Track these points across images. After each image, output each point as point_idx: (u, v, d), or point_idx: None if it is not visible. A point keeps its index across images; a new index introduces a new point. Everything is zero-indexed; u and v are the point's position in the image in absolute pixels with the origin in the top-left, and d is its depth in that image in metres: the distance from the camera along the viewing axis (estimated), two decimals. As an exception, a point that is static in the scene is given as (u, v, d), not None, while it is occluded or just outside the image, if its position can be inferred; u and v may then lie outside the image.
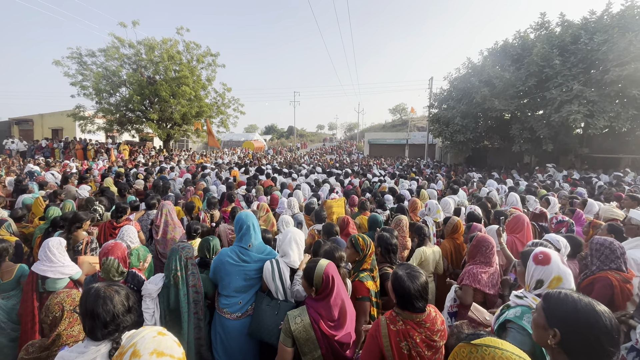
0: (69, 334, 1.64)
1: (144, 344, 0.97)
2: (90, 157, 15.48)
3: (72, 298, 1.73)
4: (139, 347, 0.96)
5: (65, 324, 1.65)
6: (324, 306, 1.79)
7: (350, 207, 5.37)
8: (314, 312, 1.79)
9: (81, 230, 3.31)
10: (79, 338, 1.65)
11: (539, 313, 1.19)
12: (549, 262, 1.61)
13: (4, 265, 2.73)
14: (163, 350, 0.97)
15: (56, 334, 1.62)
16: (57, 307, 1.67)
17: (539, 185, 8.00)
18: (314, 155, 29.10)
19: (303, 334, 1.75)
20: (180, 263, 2.18)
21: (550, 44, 12.65)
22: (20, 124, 23.47)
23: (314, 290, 1.83)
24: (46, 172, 8.60)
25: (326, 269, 1.83)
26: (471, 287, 2.45)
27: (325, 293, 1.81)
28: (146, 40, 17.43)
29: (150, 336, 1.00)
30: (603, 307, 1.08)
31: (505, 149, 17.40)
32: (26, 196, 5.28)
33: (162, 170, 10.17)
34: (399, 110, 52.46)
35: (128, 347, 0.98)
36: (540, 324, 1.18)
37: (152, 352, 0.95)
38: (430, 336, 1.56)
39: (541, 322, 1.17)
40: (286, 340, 1.77)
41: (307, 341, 1.75)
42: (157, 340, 0.99)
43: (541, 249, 1.69)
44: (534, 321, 1.24)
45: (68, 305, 1.69)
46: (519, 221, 3.51)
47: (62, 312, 1.67)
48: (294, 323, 1.77)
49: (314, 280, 1.82)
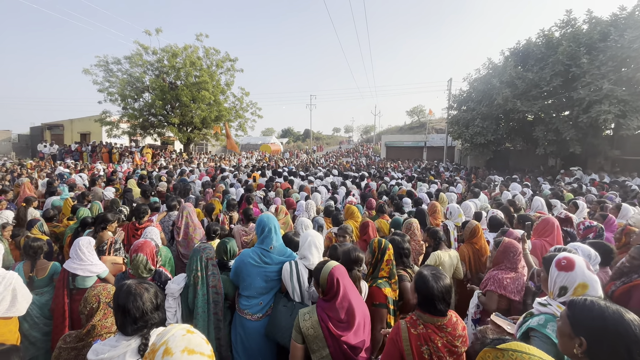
0: (102, 325, 1.73)
1: (175, 341, 1.00)
2: (115, 160, 16.15)
3: (107, 291, 1.82)
4: (171, 345, 0.99)
5: (100, 315, 1.74)
6: (331, 307, 1.80)
7: (367, 210, 5.33)
8: (322, 312, 1.81)
9: (106, 231, 3.44)
10: (112, 330, 1.73)
11: (564, 321, 1.16)
12: (572, 268, 1.54)
13: (38, 263, 2.87)
14: (193, 348, 0.99)
15: (91, 325, 1.70)
16: (94, 298, 1.76)
17: (565, 189, 7.67)
18: (330, 158, 29.13)
19: (311, 331, 1.78)
20: (200, 263, 2.23)
21: (577, 42, 12.17)
22: (52, 129, 24.86)
23: (320, 290, 1.87)
24: (75, 175, 9.03)
25: (331, 271, 1.83)
26: (496, 293, 2.37)
27: (331, 295, 1.82)
28: (168, 47, 18.08)
29: (180, 334, 1.02)
30: (633, 315, 1.04)
31: (528, 152, 16.82)
32: (55, 198, 5.55)
33: (183, 173, 10.45)
34: (417, 112, 51.81)
35: (160, 344, 1.00)
36: (565, 333, 1.14)
37: (183, 350, 0.98)
38: (452, 341, 1.53)
39: (566, 330, 1.13)
40: (297, 336, 1.82)
41: (315, 339, 1.78)
42: (187, 338, 1.02)
43: (565, 254, 1.62)
44: (559, 329, 1.20)
45: (104, 298, 1.78)
46: (548, 224, 3.37)
47: (99, 304, 1.75)
48: (303, 320, 1.81)
49: (320, 281, 1.85)
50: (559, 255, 1.64)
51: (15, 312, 2.23)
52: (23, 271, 2.79)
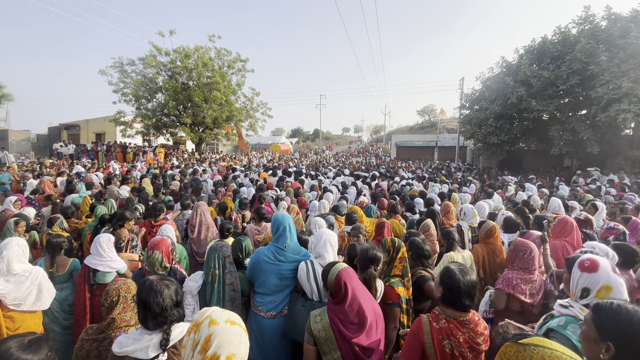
0: (122, 318, 1.78)
1: (217, 314, 1.09)
2: (129, 159, 16.51)
3: (127, 286, 1.87)
4: (215, 317, 1.08)
5: (120, 309, 1.79)
6: (341, 310, 1.79)
7: (379, 210, 5.30)
8: (333, 314, 1.80)
9: (124, 229, 3.52)
10: (131, 323, 1.79)
11: (589, 325, 1.12)
12: (596, 269, 1.51)
13: (58, 259, 2.96)
14: (235, 320, 1.10)
15: (111, 318, 1.76)
16: (114, 292, 1.81)
17: (583, 190, 7.47)
18: (340, 158, 29.09)
19: (322, 334, 1.77)
20: (218, 261, 2.26)
21: (595, 39, 11.81)
22: (69, 129, 25.58)
23: (329, 293, 1.87)
24: (91, 174, 9.26)
25: (338, 275, 1.82)
26: (504, 291, 2.33)
27: (339, 298, 1.81)
28: (181, 48, 18.35)
29: (220, 310, 1.13)
30: None
31: (543, 152, 16.43)
32: (74, 196, 5.72)
33: (195, 172, 10.60)
34: (428, 111, 51.18)
35: (203, 318, 1.08)
36: (590, 337, 1.11)
37: (226, 320, 1.08)
38: (474, 338, 1.52)
39: (592, 335, 1.10)
40: (309, 338, 1.82)
41: (327, 341, 1.77)
42: (227, 312, 1.12)
43: (589, 256, 1.59)
44: (583, 334, 1.16)
45: (123, 292, 1.83)
46: (567, 224, 3.29)
47: (118, 298, 1.81)
48: (314, 322, 1.80)
49: (327, 284, 1.86)
50: (582, 256, 1.61)
51: (40, 306, 2.31)
52: (44, 267, 2.88)
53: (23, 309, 2.21)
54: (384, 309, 2.15)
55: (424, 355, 1.55)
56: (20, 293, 2.19)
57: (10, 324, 2.17)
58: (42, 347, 1.13)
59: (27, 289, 2.21)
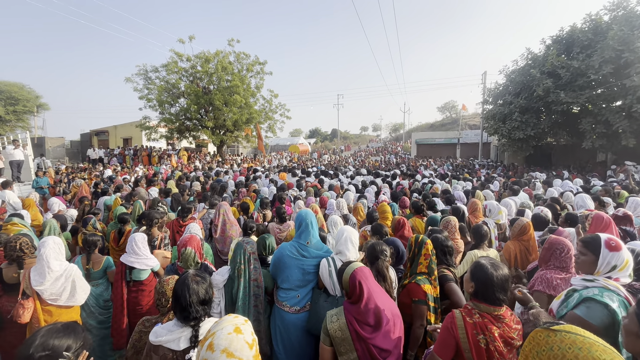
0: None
1: (219, 339, 1.01)
2: (155, 162, 17.17)
3: None
4: (215, 342, 1.00)
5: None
6: (357, 310, 1.77)
7: (401, 209, 5.23)
8: (349, 314, 1.78)
9: (155, 228, 3.68)
10: None
11: (632, 319, 1.12)
12: (620, 248, 1.73)
13: (93, 257, 3.12)
14: (233, 352, 0.98)
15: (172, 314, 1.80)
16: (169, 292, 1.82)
17: (619, 185, 7.04)
18: (358, 157, 28.91)
19: (339, 334, 1.75)
20: (243, 257, 2.32)
21: (630, 25, 11.10)
22: (99, 135, 26.96)
23: (345, 293, 1.86)
24: (120, 177, 9.73)
25: (352, 274, 1.80)
26: (545, 293, 2.22)
27: (354, 299, 1.79)
28: (201, 53, 18.88)
29: (226, 332, 1.02)
30: None
31: (573, 146, 15.61)
32: (106, 198, 6.04)
33: (218, 174, 10.90)
34: (449, 108, 50.02)
35: (208, 336, 1.04)
36: (632, 331, 1.10)
37: (222, 351, 0.98)
38: (509, 332, 1.49)
39: (634, 329, 1.10)
40: (325, 338, 1.80)
41: (343, 341, 1.74)
42: (229, 338, 1.01)
43: (608, 236, 1.77)
44: (625, 327, 1.16)
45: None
46: (603, 219, 3.11)
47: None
48: (330, 322, 1.79)
49: (343, 284, 1.86)
50: (604, 237, 1.77)
51: (75, 301, 2.44)
52: (81, 264, 3.05)
53: (59, 303, 2.35)
54: (410, 306, 2.13)
55: (458, 350, 1.53)
56: (56, 289, 2.31)
57: (48, 317, 2.31)
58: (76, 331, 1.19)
59: (62, 285, 2.34)
